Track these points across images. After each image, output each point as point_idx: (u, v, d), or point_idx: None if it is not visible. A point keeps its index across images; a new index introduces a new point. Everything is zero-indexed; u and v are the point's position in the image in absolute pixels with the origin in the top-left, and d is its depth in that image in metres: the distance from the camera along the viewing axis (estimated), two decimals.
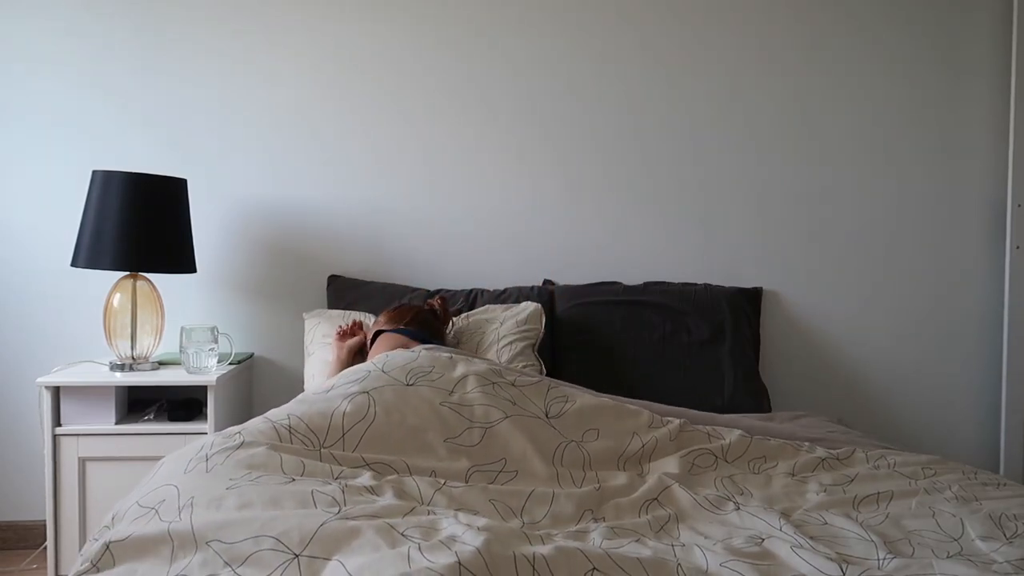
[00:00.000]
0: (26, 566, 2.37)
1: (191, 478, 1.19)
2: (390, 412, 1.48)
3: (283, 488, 1.15)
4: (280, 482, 1.18)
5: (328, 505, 1.11)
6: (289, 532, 1.02)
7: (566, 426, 1.57)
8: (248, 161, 2.56)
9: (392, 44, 2.59)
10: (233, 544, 1.01)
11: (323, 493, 1.14)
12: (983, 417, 2.76)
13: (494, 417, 1.53)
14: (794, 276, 2.70)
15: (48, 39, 2.50)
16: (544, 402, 1.62)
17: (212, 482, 1.17)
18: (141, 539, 1.05)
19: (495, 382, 1.62)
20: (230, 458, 1.26)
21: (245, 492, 1.13)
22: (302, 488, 1.15)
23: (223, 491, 1.13)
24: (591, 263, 2.63)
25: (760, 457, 1.55)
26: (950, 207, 2.73)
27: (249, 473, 1.20)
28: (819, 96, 2.69)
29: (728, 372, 2.42)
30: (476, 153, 2.62)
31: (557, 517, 1.26)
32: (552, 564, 0.99)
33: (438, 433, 1.47)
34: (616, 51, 2.64)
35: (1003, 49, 2.70)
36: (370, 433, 1.42)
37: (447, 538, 1.02)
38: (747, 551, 1.13)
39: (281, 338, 2.58)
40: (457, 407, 1.54)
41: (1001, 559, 1.13)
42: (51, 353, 2.50)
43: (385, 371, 1.60)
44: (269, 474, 1.21)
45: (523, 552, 1.00)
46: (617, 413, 1.64)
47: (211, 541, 1.02)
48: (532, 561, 0.99)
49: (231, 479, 1.17)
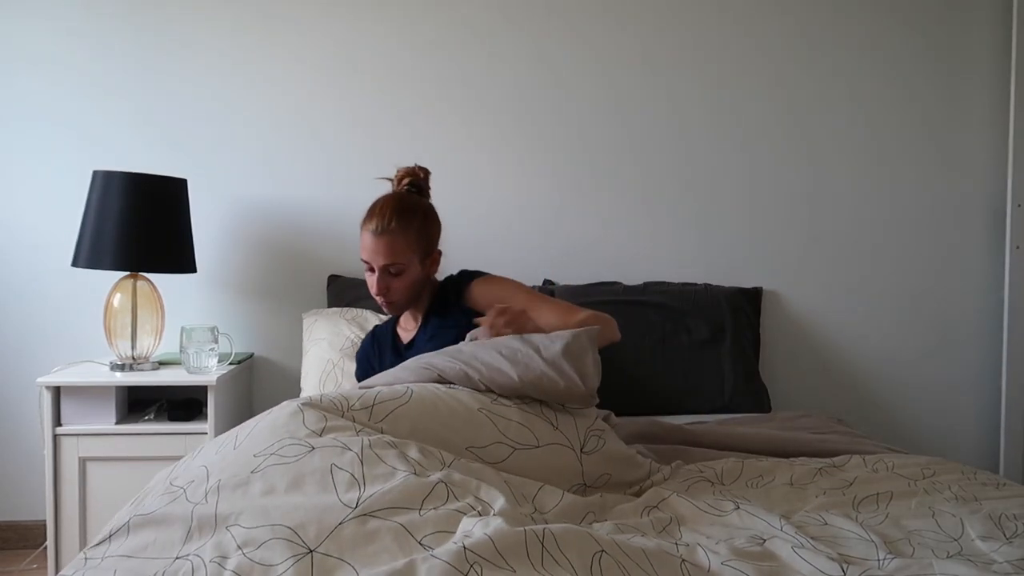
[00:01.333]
0: (26, 566, 2.37)
1: (220, 458, 1.20)
2: (424, 400, 1.41)
3: (304, 463, 1.15)
4: (302, 451, 1.18)
5: (347, 488, 1.11)
6: (306, 526, 1.03)
7: (591, 464, 1.46)
8: (248, 161, 2.56)
9: (392, 44, 2.59)
10: (251, 529, 1.03)
11: (342, 469, 1.14)
12: (983, 417, 2.76)
13: (526, 441, 1.41)
14: (794, 276, 2.70)
15: (48, 39, 2.50)
16: (583, 434, 1.48)
17: (239, 461, 1.17)
18: (163, 516, 1.08)
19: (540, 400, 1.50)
20: (257, 427, 1.26)
21: (269, 476, 1.13)
22: (321, 463, 1.15)
23: (248, 474, 1.14)
24: (591, 263, 2.63)
25: (757, 476, 1.54)
26: (950, 207, 2.73)
27: (272, 445, 1.20)
28: (819, 96, 2.69)
29: (728, 372, 2.42)
30: (476, 153, 2.62)
31: (565, 511, 1.26)
32: (561, 542, 1.00)
33: (462, 438, 1.37)
34: (617, 50, 2.64)
35: (1003, 49, 2.70)
36: (399, 411, 1.36)
37: (461, 535, 1.02)
38: (749, 551, 1.13)
39: (281, 338, 2.58)
40: (492, 416, 1.41)
41: (1001, 559, 1.13)
42: (51, 353, 2.50)
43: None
44: (291, 439, 1.21)
45: (532, 529, 1.01)
46: (629, 463, 1.52)
47: (231, 526, 1.04)
48: (541, 538, 0.99)
49: (255, 456, 1.18)
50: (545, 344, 1.52)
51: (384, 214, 1.79)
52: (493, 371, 1.48)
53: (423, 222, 1.85)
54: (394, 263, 1.80)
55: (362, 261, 1.85)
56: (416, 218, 1.83)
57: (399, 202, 1.83)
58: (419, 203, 1.87)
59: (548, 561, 0.97)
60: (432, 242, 1.89)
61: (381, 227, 1.78)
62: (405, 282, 1.83)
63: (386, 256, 1.79)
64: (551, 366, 1.47)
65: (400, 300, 1.86)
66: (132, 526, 1.08)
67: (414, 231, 1.82)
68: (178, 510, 1.09)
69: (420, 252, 1.84)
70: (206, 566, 0.98)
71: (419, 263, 1.85)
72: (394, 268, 1.81)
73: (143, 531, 1.07)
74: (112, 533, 1.09)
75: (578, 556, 0.99)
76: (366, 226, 1.81)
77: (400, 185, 1.91)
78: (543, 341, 1.53)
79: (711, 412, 2.30)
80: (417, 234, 1.83)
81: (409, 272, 1.83)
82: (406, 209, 1.82)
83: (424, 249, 1.86)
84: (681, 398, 2.36)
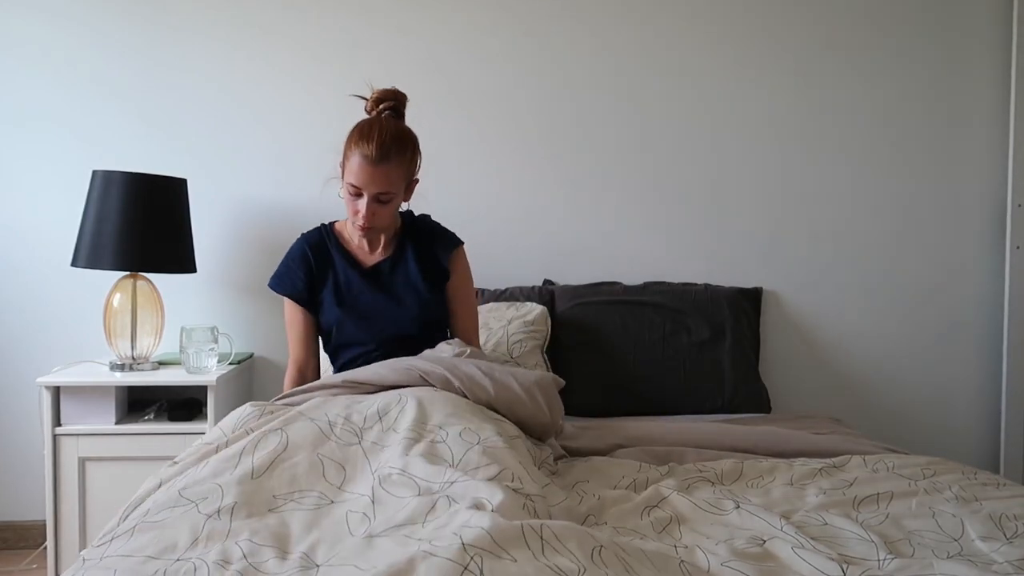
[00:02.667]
0: (26, 566, 2.37)
1: (235, 483, 1.21)
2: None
3: (323, 512, 1.18)
4: (322, 502, 1.20)
5: (359, 521, 1.14)
6: (315, 547, 1.07)
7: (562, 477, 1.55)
8: (248, 161, 2.56)
9: (391, 43, 2.59)
10: (261, 547, 1.05)
11: (355, 512, 1.17)
12: (983, 417, 2.76)
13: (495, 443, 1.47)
14: (794, 276, 2.70)
15: (49, 39, 2.50)
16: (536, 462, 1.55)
17: (259, 497, 1.20)
18: (170, 522, 1.11)
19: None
20: (279, 466, 1.28)
21: (285, 516, 1.16)
22: (340, 516, 1.17)
23: (266, 511, 1.17)
24: (591, 263, 2.63)
25: (757, 476, 1.54)
26: (950, 207, 2.73)
27: (294, 494, 1.22)
28: (819, 96, 2.69)
29: (728, 372, 2.42)
30: (475, 152, 2.62)
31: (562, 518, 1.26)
32: (560, 535, 1.00)
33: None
34: (618, 49, 2.64)
35: (1003, 49, 2.70)
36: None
37: (460, 526, 1.03)
38: (749, 552, 1.13)
39: (281, 338, 2.57)
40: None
41: (1001, 559, 1.13)
42: (51, 353, 2.50)
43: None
44: (315, 492, 1.23)
45: (530, 523, 1.01)
46: (607, 464, 1.60)
47: (240, 540, 1.06)
48: (540, 532, 0.99)
49: (274, 496, 1.21)
50: (521, 372, 1.66)
51: (384, 142, 1.74)
52: (472, 383, 1.59)
53: (414, 152, 1.85)
54: (387, 191, 1.79)
55: (349, 185, 1.79)
56: (409, 147, 1.82)
57: (397, 130, 1.80)
58: (410, 131, 1.86)
59: (548, 550, 0.97)
60: (416, 170, 1.90)
61: (381, 155, 1.73)
62: (391, 209, 1.83)
63: (382, 185, 1.76)
64: (525, 390, 1.60)
65: (382, 226, 1.87)
66: (136, 531, 1.10)
67: (407, 160, 1.81)
68: (187, 521, 1.11)
69: (408, 180, 1.86)
70: (208, 566, 0.99)
71: (404, 191, 1.86)
72: (385, 196, 1.79)
73: (146, 534, 1.09)
74: (114, 537, 1.10)
75: (578, 547, 0.99)
76: (360, 148, 1.75)
77: (378, 109, 1.86)
78: (519, 371, 1.68)
79: (711, 412, 2.31)
80: (410, 163, 1.83)
81: (396, 200, 1.83)
82: (402, 138, 1.80)
83: (409, 178, 1.86)
84: (681, 398, 2.36)
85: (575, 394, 2.33)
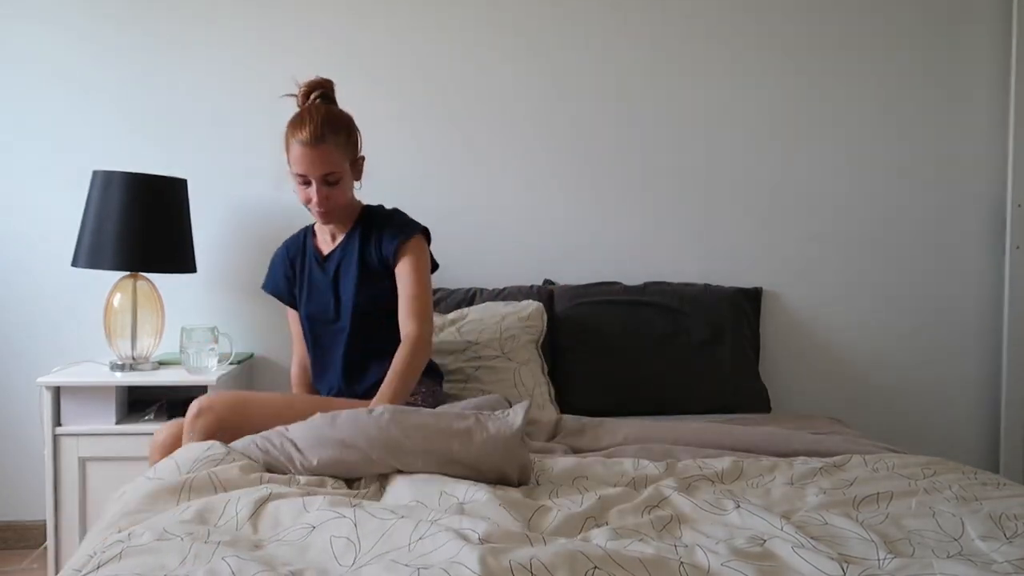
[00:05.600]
0: (26, 566, 2.37)
1: (225, 527, 1.21)
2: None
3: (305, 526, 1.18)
4: (303, 534, 1.19)
5: (344, 549, 1.13)
6: (304, 572, 1.05)
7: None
8: (248, 161, 2.56)
9: (390, 43, 2.59)
10: (247, 562, 1.04)
11: (339, 536, 1.15)
12: (983, 417, 2.76)
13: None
14: (794, 276, 2.70)
15: (48, 39, 2.50)
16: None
17: (244, 536, 1.20)
18: (158, 548, 1.10)
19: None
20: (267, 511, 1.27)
21: (271, 552, 1.15)
22: (322, 542, 1.16)
23: (251, 549, 1.16)
24: (591, 263, 2.63)
25: (757, 476, 1.54)
26: (950, 207, 2.73)
27: (277, 532, 1.21)
28: (819, 97, 2.69)
29: (728, 372, 2.42)
30: (475, 152, 2.62)
31: (560, 528, 1.25)
32: (551, 567, 0.99)
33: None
34: (618, 49, 2.64)
35: (1003, 49, 2.70)
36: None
37: (447, 561, 1.02)
38: (749, 551, 1.13)
39: (281, 338, 2.57)
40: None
41: (1001, 559, 1.13)
42: (51, 353, 2.50)
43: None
44: (296, 523, 1.22)
45: (519, 561, 1.00)
46: (602, 464, 1.57)
47: (228, 558, 1.05)
48: (530, 567, 0.99)
49: (261, 538, 1.20)
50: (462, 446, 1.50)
51: (315, 124, 1.81)
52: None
53: (349, 129, 1.90)
54: (331, 172, 1.84)
55: (295, 175, 1.86)
56: (343, 126, 1.87)
57: (328, 112, 1.86)
58: (342, 112, 1.92)
59: None
60: (357, 148, 1.94)
61: (315, 137, 1.80)
62: (342, 189, 1.88)
63: (322, 166, 1.82)
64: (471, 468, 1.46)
65: (337, 208, 1.91)
66: (124, 555, 1.09)
67: (343, 138, 1.86)
68: (175, 546, 1.10)
69: (350, 159, 1.90)
70: None
71: (350, 169, 1.90)
72: (332, 177, 1.85)
73: (135, 558, 1.08)
74: (102, 562, 1.08)
75: (570, 574, 0.98)
76: (296, 136, 1.82)
77: (311, 99, 1.92)
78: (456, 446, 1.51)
79: (711, 412, 2.30)
80: (347, 141, 1.88)
81: (345, 180, 1.88)
82: (334, 118, 1.86)
83: (352, 156, 1.91)
84: (681, 398, 2.36)
85: (575, 394, 2.33)
